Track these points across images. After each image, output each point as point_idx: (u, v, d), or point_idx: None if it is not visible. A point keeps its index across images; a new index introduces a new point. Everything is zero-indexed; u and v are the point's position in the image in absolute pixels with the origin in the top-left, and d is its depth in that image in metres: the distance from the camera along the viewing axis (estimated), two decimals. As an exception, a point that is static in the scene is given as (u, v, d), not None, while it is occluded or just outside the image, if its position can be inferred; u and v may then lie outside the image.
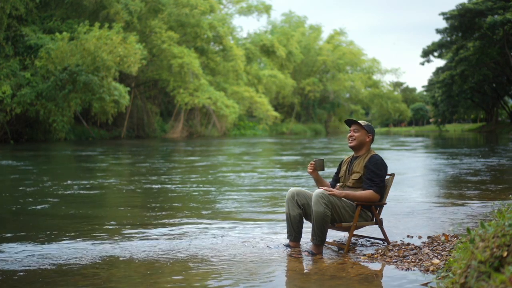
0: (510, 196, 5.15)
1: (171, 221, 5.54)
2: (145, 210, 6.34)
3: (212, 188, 8.35)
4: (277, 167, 12.65)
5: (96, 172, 11.57)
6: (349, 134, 4.42)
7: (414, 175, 10.63)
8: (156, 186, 8.69)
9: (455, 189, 8.15)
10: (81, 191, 8.03)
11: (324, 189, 4.10)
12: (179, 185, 8.71)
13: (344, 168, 4.49)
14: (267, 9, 52.35)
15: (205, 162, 14.23)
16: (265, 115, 46.39)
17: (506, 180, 9.44)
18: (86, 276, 3.52)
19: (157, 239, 4.66)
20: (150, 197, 7.53)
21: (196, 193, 7.72)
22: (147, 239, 4.64)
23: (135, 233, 4.93)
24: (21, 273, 3.59)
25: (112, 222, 5.51)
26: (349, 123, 4.45)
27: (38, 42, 28.59)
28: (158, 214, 6.01)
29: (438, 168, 11.97)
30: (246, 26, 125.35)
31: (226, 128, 44.21)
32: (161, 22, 37.76)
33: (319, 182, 4.48)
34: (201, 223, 5.40)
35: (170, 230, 5.03)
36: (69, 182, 9.28)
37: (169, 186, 8.69)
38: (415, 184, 9.02)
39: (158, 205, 6.73)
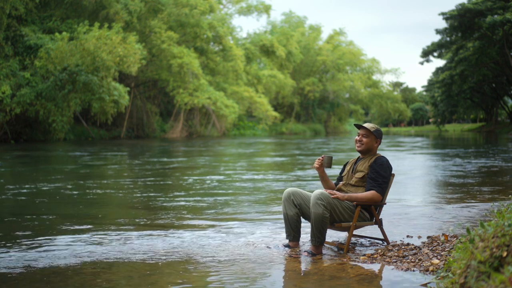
0: (510, 196, 5.15)
1: (168, 222, 5.54)
2: (142, 211, 6.34)
3: (153, 194, 7.66)
4: (252, 170, 12.14)
5: (56, 174, 10.97)
6: (357, 138, 4.40)
7: (413, 175, 10.63)
8: (96, 191, 8.07)
9: (454, 189, 8.15)
10: (10, 197, 7.46)
11: (329, 192, 4.11)
12: (121, 191, 8.10)
13: (348, 168, 4.50)
14: (266, 9, 52.31)
15: (182, 164, 13.76)
16: (265, 115, 46.38)
17: (505, 181, 9.44)
18: (86, 276, 3.52)
19: (155, 239, 4.66)
20: (79, 203, 7.00)
21: (141, 199, 7.39)
22: (146, 240, 4.64)
23: (133, 234, 4.92)
24: (20, 273, 3.59)
25: (110, 222, 5.51)
26: (358, 127, 4.44)
27: (38, 42, 28.58)
28: (153, 215, 6.01)
29: (437, 169, 11.97)
30: (246, 26, 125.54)
31: (225, 128, 44.21)
32: (160, 22, 37.75)
33: (324, 180, 4.48)
34: (199, 224, 5.40)
35: (169, 231, 5.02)
36: (9, 186, 8.66)
37: (113, 191, 8.11)
38: (414, 184, 9.03)
39: (147, 206, 6.73)
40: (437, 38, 48.49)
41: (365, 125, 4.40)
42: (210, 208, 6.41)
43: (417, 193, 7.83)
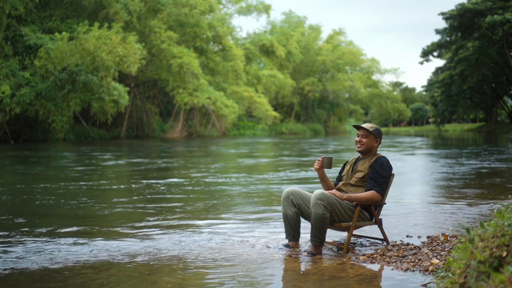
0: (510, 196, 5.15)
1: (167, 222, 5.54)
2: (140, 211, 6.33)
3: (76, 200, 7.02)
4: (222, 172, 11.41)
5: (16, 176, 10.61)
6: (357, 139, 4.40)
7: (412, 175, 10.63)
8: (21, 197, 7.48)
9: (454, 189, 8.15)
10: None
11: (330, 192, 4.11)
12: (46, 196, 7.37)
13: (348, 167, 4.50)
14: (266, 9, 52.31)
15: (155, 166, 13.20)
16: (265, 115, 46.37)
17: (505, 181, 9.44)
18: (86, 277, 3.52)
19: (155, 239, 4.66)
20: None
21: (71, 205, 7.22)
22: (145, 240, 4.64)
23: (132, 233, 4.92)
24: (20, 273, 3.59)
25: (108, 223, 5.51)
26: (357, 128, 4.44)
27: (38, 42, 28.56)
28: (153, 215, 6.00)
29: (437, 169, 11.97)
30: (246, 26, 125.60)
31: (225, 128, 44.20)
32: (160, 22, 37.74)
33: (324, 181, 4.48)
34: (198, 224, 5.40)
35: (168, 231, 5.03)
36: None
37: (38, 197, 7.35)
38: (414, 184, 9.03)
39: (150, 206, 6.73)
40: (437, 38, 48.48)
41: (364, 125, 4.39)
42: (156, 214, 6.01)
43: (416, 193, 7.82)
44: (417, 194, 7.71)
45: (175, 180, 9.73)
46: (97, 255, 4.07)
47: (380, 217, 4.34)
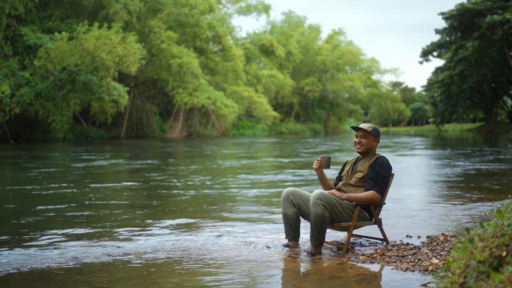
0: (509, 196, 5.15)
1: (167, 222, 5.54)
2: (141, 211, 6.33)
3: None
4: (184, 176, 10.66)
5: None
6: (356, 140, 4.41)
7: (412, 175, 10.63)
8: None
9: (453, 189, 8.15)
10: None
11: (329, 192, 4.11)
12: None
13: (347, 168, 4.49)
14: (266, 9, 52.32)
15: (125, 167, 12.82)
16: (264, 115, 46.36)
17: (504, 181, 9.44)
18: (86, 277, 3.52)
19: (154, 240, 4.66)
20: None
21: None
22: (145, 240, 4.64)
23: (133, 234, 4.92)
24: (20, 273, 3.59)
25: (109, 224, 5.51)
26: (355, 129, 4.44)
27: (37, 42, 28.55)
28: (153, 215, 6.01)
29: (437, 169, 11.97)
30: (245, 26, 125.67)
31: (225, 128, 44.19)
32: (160, 22, 37.74)
33: (323, 181, 4.48)
34: (198, 224, 5.40)
35: (168, 231, 5.03)
36: None
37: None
38: (414, 184, 9.03)
39: (151, 206, 6.73)
40: (436, 38, 48.49)
41: (362, 125, 4.40)
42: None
43: (415, 193, 7.82)
44: (416, 194, 7.71)
45: (128, 183, 9.15)
46: (96, 256, 4.07)
47: (379, 217, 4.34)
